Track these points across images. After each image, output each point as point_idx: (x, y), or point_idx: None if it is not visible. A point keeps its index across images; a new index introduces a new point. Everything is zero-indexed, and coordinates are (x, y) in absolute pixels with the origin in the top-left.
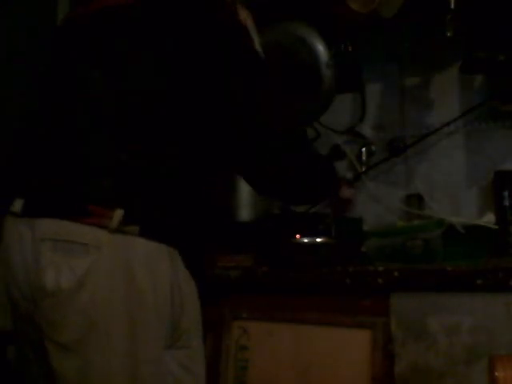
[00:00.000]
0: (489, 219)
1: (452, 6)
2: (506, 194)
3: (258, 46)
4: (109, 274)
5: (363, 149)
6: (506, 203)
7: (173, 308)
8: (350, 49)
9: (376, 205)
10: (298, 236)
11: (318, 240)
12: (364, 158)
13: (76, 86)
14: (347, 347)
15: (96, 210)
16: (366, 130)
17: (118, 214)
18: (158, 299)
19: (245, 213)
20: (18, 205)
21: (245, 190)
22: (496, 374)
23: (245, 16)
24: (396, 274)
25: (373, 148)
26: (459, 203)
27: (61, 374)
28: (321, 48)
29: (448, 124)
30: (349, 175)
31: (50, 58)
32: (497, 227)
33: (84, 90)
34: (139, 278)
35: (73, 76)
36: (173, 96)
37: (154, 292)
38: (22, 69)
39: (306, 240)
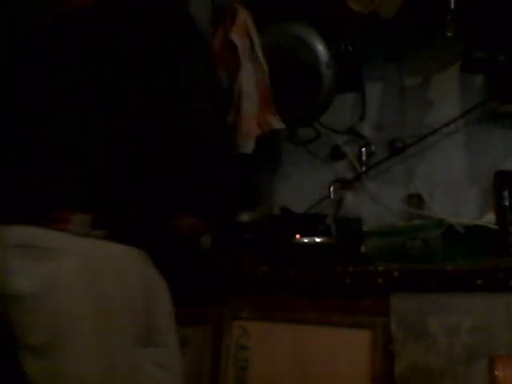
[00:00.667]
0: (489, 219)
1: (452, 5)
2: (506, 193)
3: (258, 47)
4: (76, 279)
5: (363, 149)
6: (506, 203)
7: (146, 309)
8: (350, 49)
9: (376, 205)
10: (297, 236)
11: (318, 240)
12: (364, 158)
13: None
14: (347, 347)
15: (61, 216)
16: (366, 130)
17: (82, 218)
18: (128, 302)
19: (245, 213)
20: None
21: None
22: (496, 373)
23: (245, 16)
24: (396, 274)
25: (373, 148)
26: (459, 203)
27: (32, 377)
28: (321, 48)
29: (448, 124)
30: (349, 175)
31: (39, 56)
32: (497, 227)
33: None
34: (107, 281)
35: (70, 75)
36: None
37: (124, 295)
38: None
39: (305, 240)
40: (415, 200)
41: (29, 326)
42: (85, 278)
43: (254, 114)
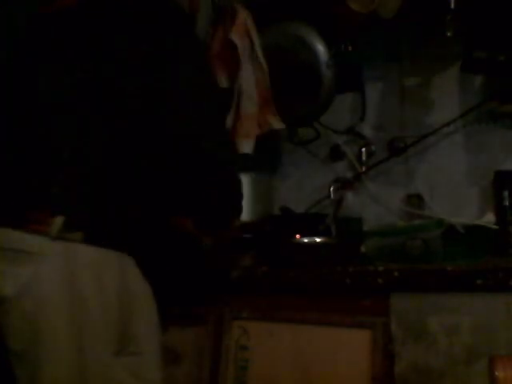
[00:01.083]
0: (489, 219)
1: (452, 5)
2: (506, 193)
3: (258, 47)
4: (52, 282)
5: (363, 149)
6: (506, 203)
7: (122, 316)
8: (350, 49)
9: (376, 205)
10: (298, 236)
11: (318, 240)
12: (364, 158)
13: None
14: (347, 347)
15: (36, 217)
16: (366, 130)
17: (58, 221)
18: (103, 305)
19: (245, 213)
20: None
21: (244, 191)
22: (496, 373)
23: (245, 16)
24: (396, 274)
25: (373, 148)
26: (459, 203)
27: (18, 381)
28: (321, 48)
29: (448, 124)
30: (349, 175)
31: (39, 56)
32: (497, 227)
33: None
34: (83, 284)
35: (70, 74)
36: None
37: (100, 298)
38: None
39: (306, 240)
40: (415, 200)
41: (7, 331)
42: (61, 282)
43: (254, 114)
